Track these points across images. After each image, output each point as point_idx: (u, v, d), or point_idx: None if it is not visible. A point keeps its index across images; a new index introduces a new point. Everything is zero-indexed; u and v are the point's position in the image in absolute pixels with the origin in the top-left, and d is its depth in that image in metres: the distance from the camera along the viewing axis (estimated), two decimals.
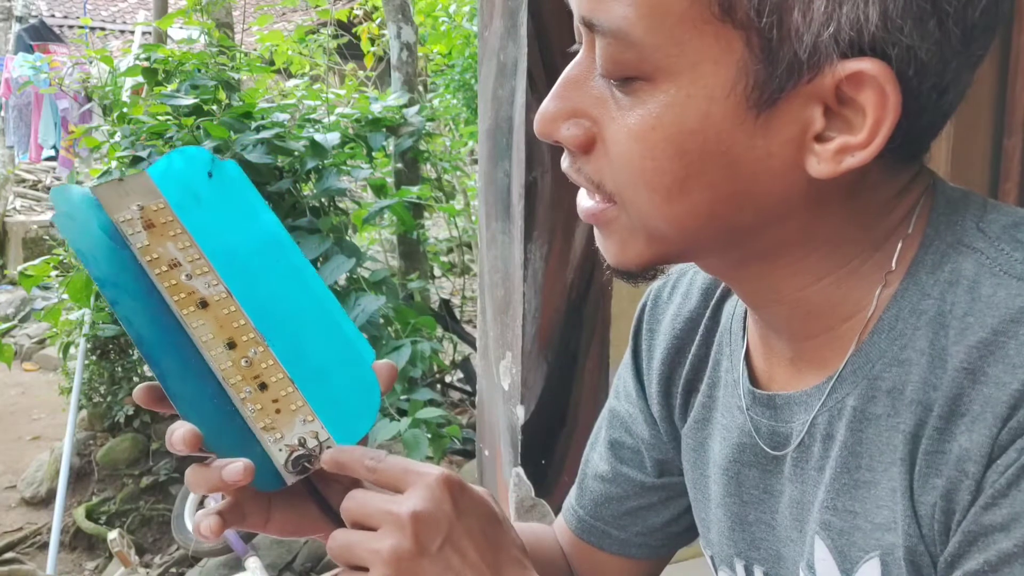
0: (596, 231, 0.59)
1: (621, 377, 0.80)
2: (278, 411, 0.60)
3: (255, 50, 4.40)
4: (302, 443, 0.60)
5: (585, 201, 0.57)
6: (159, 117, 2.98)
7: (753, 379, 0.65)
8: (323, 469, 0.60)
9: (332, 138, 2.96)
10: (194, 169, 0.65)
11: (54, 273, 3.40)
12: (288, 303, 0.63)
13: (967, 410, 0.49)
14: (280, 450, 0.60)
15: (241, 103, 3.12)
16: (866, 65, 0.47)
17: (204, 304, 0.61)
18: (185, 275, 0.62)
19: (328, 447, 0.60)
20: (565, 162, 0.57)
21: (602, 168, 0.54)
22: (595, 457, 0.82)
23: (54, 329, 3.43)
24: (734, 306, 0.69)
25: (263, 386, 0.61)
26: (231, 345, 0.61)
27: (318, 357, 0.62)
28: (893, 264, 0.55)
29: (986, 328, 0.50)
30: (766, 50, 0.48)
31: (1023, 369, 0.48)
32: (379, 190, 3.28)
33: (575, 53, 0.56)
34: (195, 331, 0.60)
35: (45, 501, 3.57)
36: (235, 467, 0.56)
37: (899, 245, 0.55)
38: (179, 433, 0.56)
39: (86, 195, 0.63)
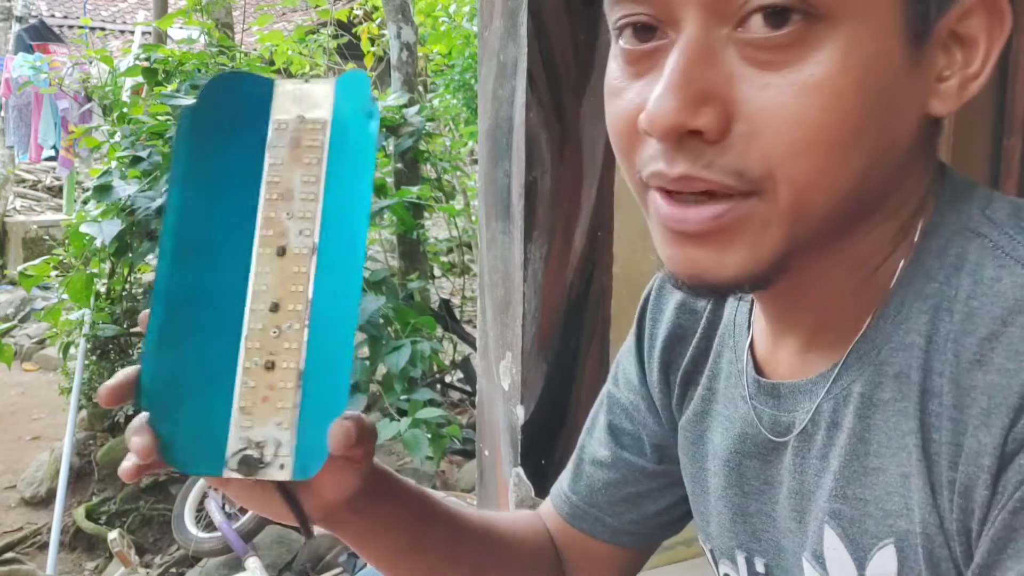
0: (701, 247, 0.52)
1: (621, 363, 0.80)
2: (265, 399, 0.55)
3: (255, 50, 4.41)
4: (260, 446, 0.55)
5: (695, 211, 0.51)
6: (159, 117, 2.98)
7: (757, 370, 0.65)
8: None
9: None
10: (360, 99, 0.58)
11: (54, 273, 3.40)
12: (343, 294, 0.56)
13: (976, 400, 0.49)
14: (239, 439, 0.55)
15: None
16: None
17: (282, 252, 0.56)
18: (287, 213, 0.56)
19: (281, 466, 0.54)
20: (681, 166, 0.50)
21: (745, 151, 0.49)
22: (593, 443, 0.81)
23: (54, 329, 3.43)
24: (737, 300, 0.69)
25: (271, 365, 0.56)
26: (275, 308, 0.56)
27: (328, 376, 0.55)
28: (912, 249, 0.55)
29: (996, 320, 0.50)
30: None
31: None
32: (379, 190, 3.29)
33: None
34: (255, 276, 0.56)
35: (45, 501, 3.56)
36: (140, 440, 0.54)
37: (919, 228, 0.55)
38: (136, 441, 0.54)
39: (259, 81, 0.58)
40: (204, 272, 0.56)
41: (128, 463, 0.56)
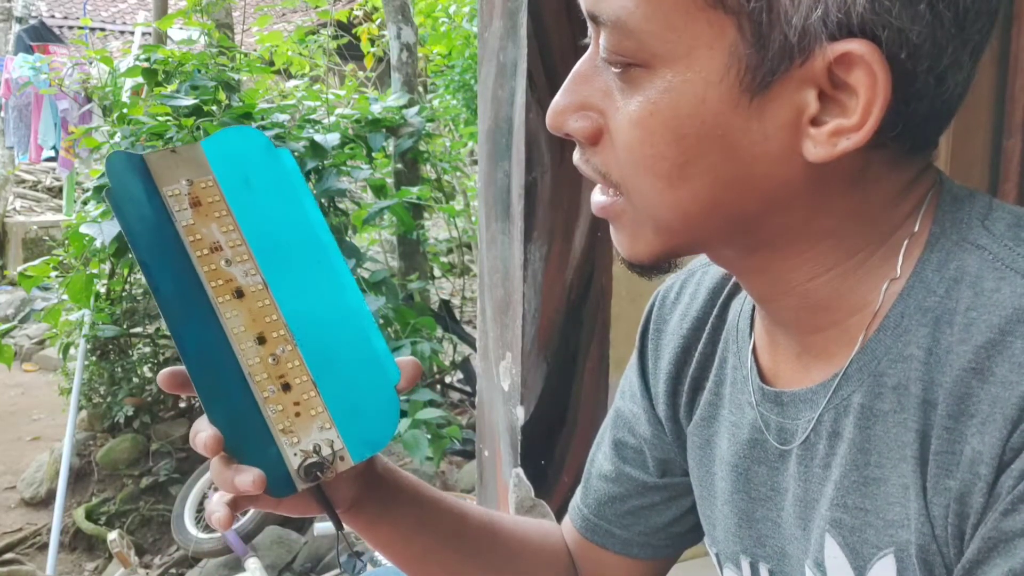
0: (611, 225, 0.60)
1: (627, 377, 0.81)
2: (298, 414, 0.60)
3: (255, 51, 4.41)
4: (317, 450, 0.60)
5: (597, 196, 0.59)
6: (159, 118, 2.98)
7: (759, 375, 0.65)
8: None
9: (332, 139, 2.96)
10: (248, 150, 0.64)
11: (54, 274, 3.40)
12: (321, 306, 0.62)
13: (976, 411, 0.50)
14: (295, 455, 0.59)
15: (241, 104, 3.12)
16: (854, 46, 0.48)
17: (240, 294, 0.61)
18: (224, 260, 0.61)
19: (341, 457, 0.60)
20: (576, 155, 0.59)
21: (608, 159, 0.56)
22: (600, 457, 0.82)
23: (54, 330, 3.42)
24: (741, 304, 0.70)
25: (286, 387, 0.60)
26: (261, 340, 0.61)
27: (344, 366, 0.62)
28: (899, 260, 0.55)
29: (993, 328, 0.50)
30: (757, 35, 0.49)
31: None
32: (379, 191, 3.28)
33: (583, 48, 0.57)
34: (228, 321, 0.60)
35: (45, 501, 3.56)
36: (245, 477, 0.57)
37: (905, 242, 0.55)
38: (202, 437, 0.58)
39: (138, 161, 0.62)
40: (198, 328, 0.60)
41: (220, 513, 0.61)
